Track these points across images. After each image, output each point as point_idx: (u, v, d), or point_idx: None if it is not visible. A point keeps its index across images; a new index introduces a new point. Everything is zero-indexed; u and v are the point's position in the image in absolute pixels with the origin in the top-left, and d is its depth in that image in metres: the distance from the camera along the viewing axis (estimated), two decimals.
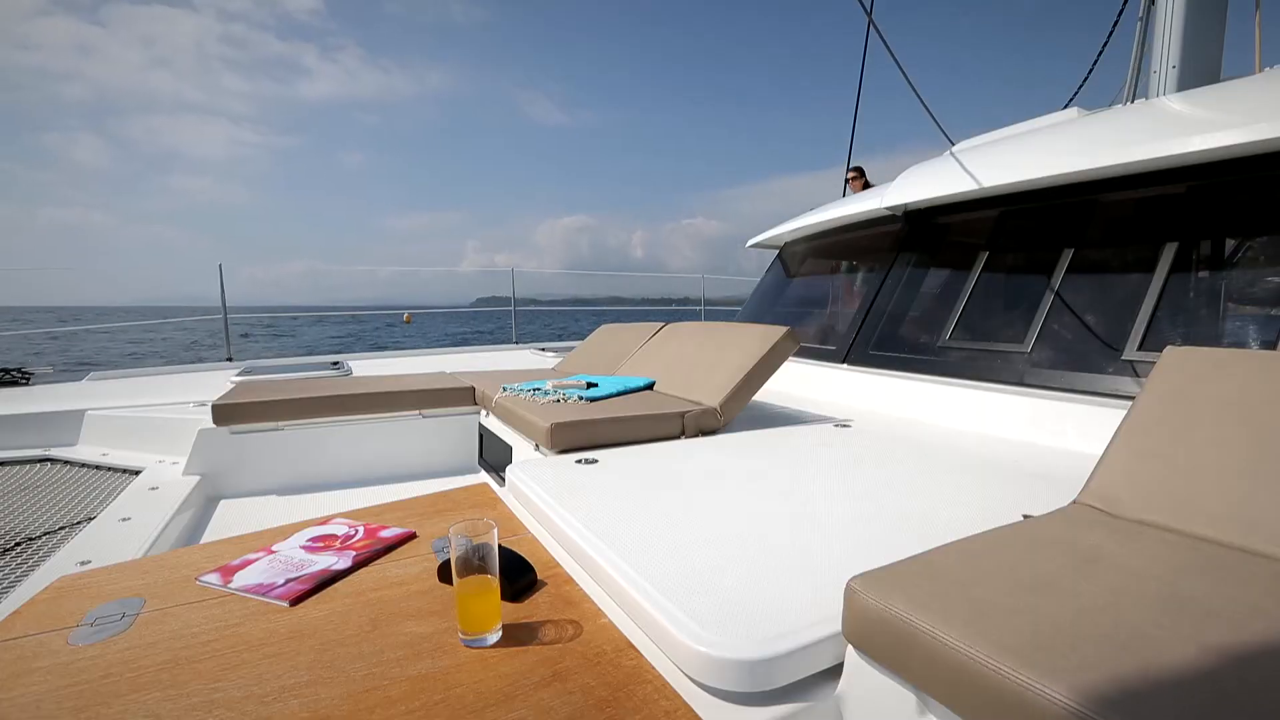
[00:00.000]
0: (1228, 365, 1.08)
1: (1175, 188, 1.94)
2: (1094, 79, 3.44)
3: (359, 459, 2.56)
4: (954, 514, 1.28)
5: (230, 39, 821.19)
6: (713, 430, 2.10)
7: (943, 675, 0.70)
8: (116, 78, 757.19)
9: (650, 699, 0.82)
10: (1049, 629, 0.70)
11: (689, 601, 0.92)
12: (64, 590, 1.17)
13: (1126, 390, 1.81)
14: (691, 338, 2.73)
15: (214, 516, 2.13)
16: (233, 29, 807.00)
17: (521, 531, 1.38)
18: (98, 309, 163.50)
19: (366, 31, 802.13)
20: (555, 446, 1.85)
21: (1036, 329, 2.14)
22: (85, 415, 2.75)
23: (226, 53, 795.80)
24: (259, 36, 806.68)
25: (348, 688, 0.84)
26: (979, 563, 0.86)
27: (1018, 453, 1.79)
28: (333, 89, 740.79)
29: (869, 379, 2.62)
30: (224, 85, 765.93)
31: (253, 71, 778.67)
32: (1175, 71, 2.45)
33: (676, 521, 1.24)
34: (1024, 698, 0.62)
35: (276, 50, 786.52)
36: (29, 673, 0.90)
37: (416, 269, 10.20)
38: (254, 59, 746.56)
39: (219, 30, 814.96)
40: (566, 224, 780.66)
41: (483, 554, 0.93)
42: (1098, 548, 0.91)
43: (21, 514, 1.95)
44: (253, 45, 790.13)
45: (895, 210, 2.86)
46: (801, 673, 0.84)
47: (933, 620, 0.73)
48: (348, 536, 1.36)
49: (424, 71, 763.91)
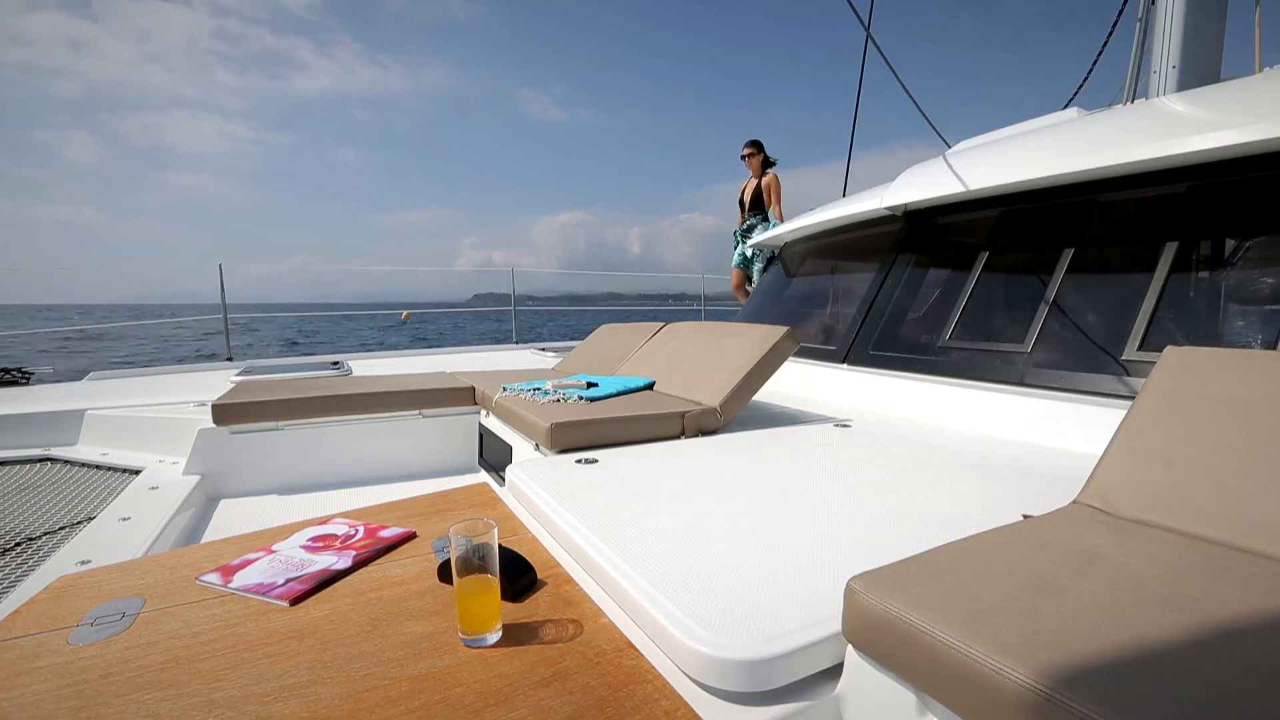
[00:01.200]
0: (1228, 365, 1.08)
1: (1175, 188, 1.94)
2: (1094, 79, 3.44)
3: (359, 459, 2.56)
4: (954, 514, 1.28)
5: (223, 34, 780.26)
6: (713, 430, 2.10)
7: (943, 675, 0.70)
8: (109, 73, 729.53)
9: (650, 699, 0.82)
10: (1049, 629, 0.70)
11: (689, 601, 0.92)
12: (64, 590, 1.17)
13: (1126, 390, 1.81)
14: (691, 338, 2.73)
15: (214, 516, 2.13)
16: (226, 24, 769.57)
17: (521, 531, 1.38)
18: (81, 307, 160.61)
19: (364, 27, 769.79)
20: (555, 446, 1.85)
21: (1036, 329, 2.14)
22: (85, 415, 2.75)
23: (220, 48, 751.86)
24: (252, 31, 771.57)
25: (348, 687, 0.84)
26: (979, 563, 0.86)
27: (1018, 453, 1.79)
28: (328, 85, 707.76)
29: (869, 379, 2.62)
30: (217, 81, 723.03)
31: (246, 67, 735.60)
32: (1175, 71, 2.45)
33: (676, 521, 1.24)
34: (1024, 697, 0.62)
35: (270, 45, 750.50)
36: (29, 672, 0.90)
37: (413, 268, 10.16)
38: (247, 54, 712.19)
39: (212, 25, 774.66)
40: (563, 221, 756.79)
41: (483, 554, 0.94)
42: (1098, 548, 0.91)
43: (21, 514, 1.95)
44: (246, 40, 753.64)
45: (895, 210, 2.86)
46: (801, 673, 0.84)
47: (933, 620, 0.73)
48: (348, 536, 1.36)
49: (422, 68, 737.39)
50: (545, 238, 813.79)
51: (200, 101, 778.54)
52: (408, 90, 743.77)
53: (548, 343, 5.50)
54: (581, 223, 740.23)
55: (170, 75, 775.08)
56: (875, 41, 3.18)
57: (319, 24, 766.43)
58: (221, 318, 5.37)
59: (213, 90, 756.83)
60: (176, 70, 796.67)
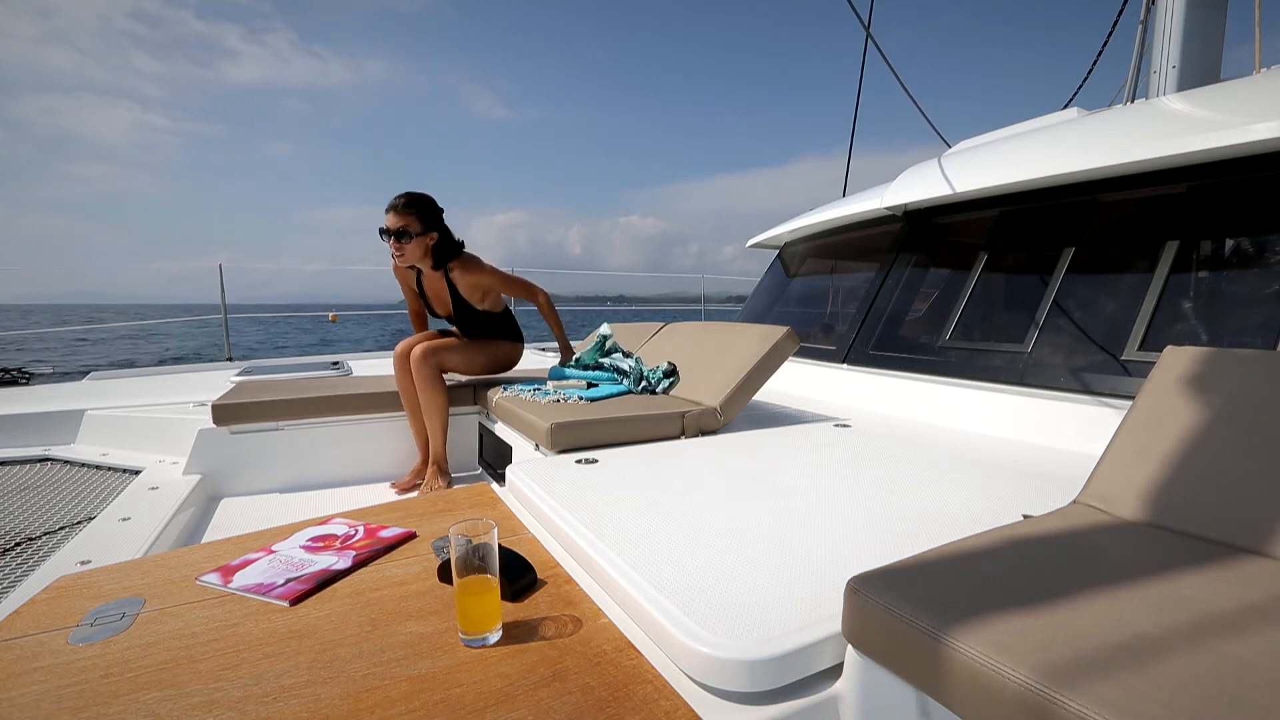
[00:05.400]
0: (1228, 365, 1.08)
1: (1175, 188, 1.94)
2: (1094, 79, 3.44)
3: (359, 459, 2.56)
4: (954, 514, 1.28)
5: (141, 15, 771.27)
6: (713, 430, 2.10)
7: (943, 675, 0.70)
8: (6, 52, 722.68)
9: (650, 699, 0.82)
10: (1049, 629, 0.70)
11: (689, 601, 0.92)
12: (64, 590, 1.17)
13: (1126, 390, 1.81)
14: (691, 338, 2.73)
15: (214, 516, 2.13)
16: (145, 4, 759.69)
17: (521, 531, 1.38)
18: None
19: (299, 15, 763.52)
20: (555, 446, 1.85)
21: (1036, 329, 2.14)
22: (85, 415, 2.75)
23: (138, 30, 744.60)
24: (175, 14, 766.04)
25: (348, 687, 0.84)
26: (979, 563, 0.86)
27: (1018, 453, 1.79)
28: (260, 74, 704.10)
29: (869, 379, 2.62)
30: (133, 65, 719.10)
31: (168, 51, 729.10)
32: (1175, 71, 2.45)
33: (677, 521, 1.24)
34: (1024, 697, 0.62)
35: (196, 30, 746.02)
36: (29, 673, 0.90)
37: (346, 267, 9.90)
38: (170, 38, 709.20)
39: (129, 5, 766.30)
40: (503, 220, 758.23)
41: (483, 554, 0.94)
42: (1098, 548, 0.91)
43: (21, 514, 1.95)
44: (168, 23, 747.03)
45: (895, 210, 2.86)
46: (801, 673, 0.84)
47: (933, 620, 0.73)
48: (348, 536, 1.36)
49: (362, 60, 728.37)
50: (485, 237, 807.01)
51: (113, 86, 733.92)
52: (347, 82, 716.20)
53: (548, 343, 5.50)
54: (522, 222, 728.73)
55: (79, 57, 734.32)
56: (875, 41, 3.18)
57: (251, 9, 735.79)
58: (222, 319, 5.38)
59: (128, 75, 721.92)
60: (87, 52, 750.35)
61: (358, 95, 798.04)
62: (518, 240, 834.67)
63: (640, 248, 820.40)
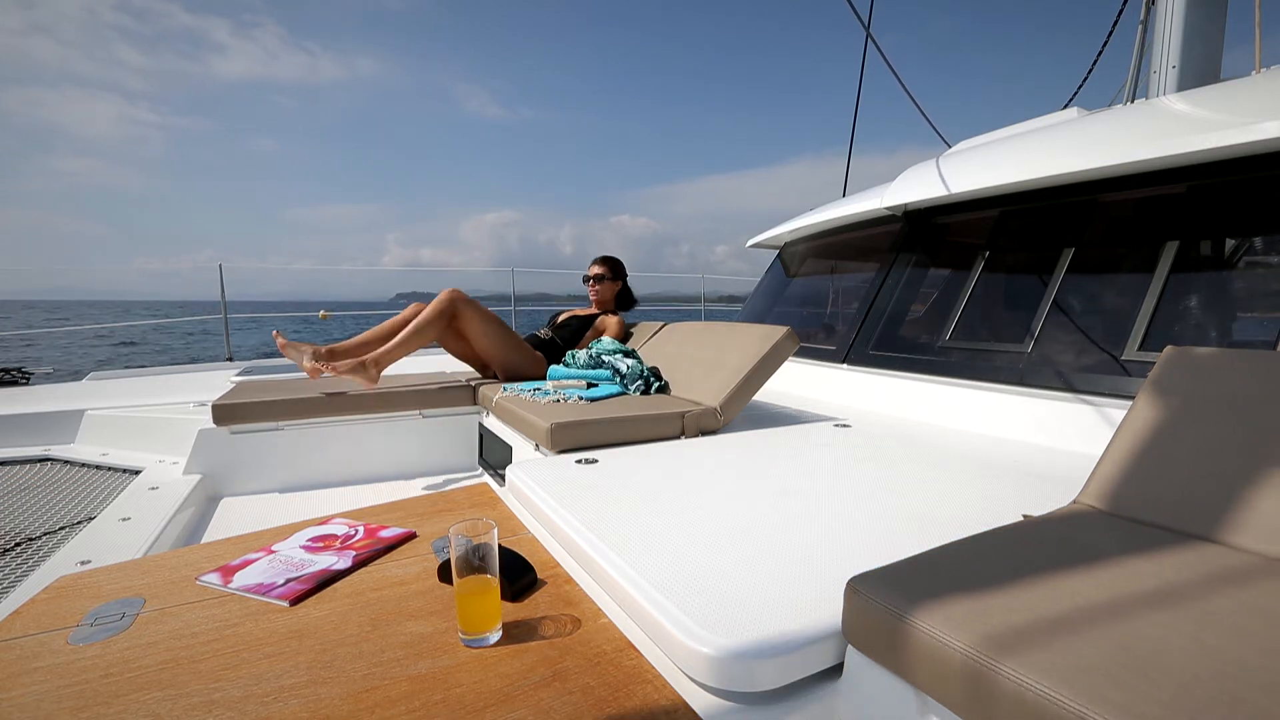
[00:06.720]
0: (1228, 365, 1.08)
1: (1175, 188, 1.94)
2: (1094, 79, 3.45)
3: (359, 459, 2.56)
4: (954, 514, 1.28)
5: (128, 8, 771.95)
6: (713, 430, 2.10)
7: (943, 675, 0.70)
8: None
9: (650, 699, 0.83)
10: (1048, 629, 0.70)
11: (689, 601, 0.92)
12: (64, 590, 1.17)
13: (1127, 390, 1.81)
14: (691, 337, 2.73)
15: (214, 516, 2.13)
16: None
17: (521, 531, 1.38)
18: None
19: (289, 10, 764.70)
20: (555, 446, 1.85)
21: (1036, 329, 2.14)
22: (85, 415, 2.75)
23: (124, 22, 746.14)
24: (163, 7, 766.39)
25: (348, 687, 0.84)
26: (979, 563, 0.86)
27: (1018, 453, 1.79)
28: (248, 68, 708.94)
29: (869, 379, 2.62)
30: (119, 58, 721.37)
31: (154, 45, 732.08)
32: (1175, 71, 2.45)
33: (677, 521, 1.24)
34: (1024, 698, 0.62)
35: (184, 23, 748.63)
36: (29, 673, 0.90)
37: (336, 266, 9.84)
38: (157, 31, 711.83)
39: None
40: (494, 219, 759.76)
41: (483, 554, 0.94)
42: (1098, 548, 0.91)
43: (21, 514, 1.95)
44: (155, 16, 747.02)
45: (895, 210, 2.86)
46: (801, 672, 0.84)
47: (933, 620, 0.73)
48: (348, 536, 1.36)
49: (354, 56, 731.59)
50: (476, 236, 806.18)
51: (98, 79, 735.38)
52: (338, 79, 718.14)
53: None
54: (513, 221, 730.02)
55: (63, 49, 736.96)
56: (875, 41, 3.18)
57: (239, 3, 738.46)
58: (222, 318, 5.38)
59: (113, 68, 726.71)
60: (71, 44, 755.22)
61: (349, 92, 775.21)
62: (509, 239, 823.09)
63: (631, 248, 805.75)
